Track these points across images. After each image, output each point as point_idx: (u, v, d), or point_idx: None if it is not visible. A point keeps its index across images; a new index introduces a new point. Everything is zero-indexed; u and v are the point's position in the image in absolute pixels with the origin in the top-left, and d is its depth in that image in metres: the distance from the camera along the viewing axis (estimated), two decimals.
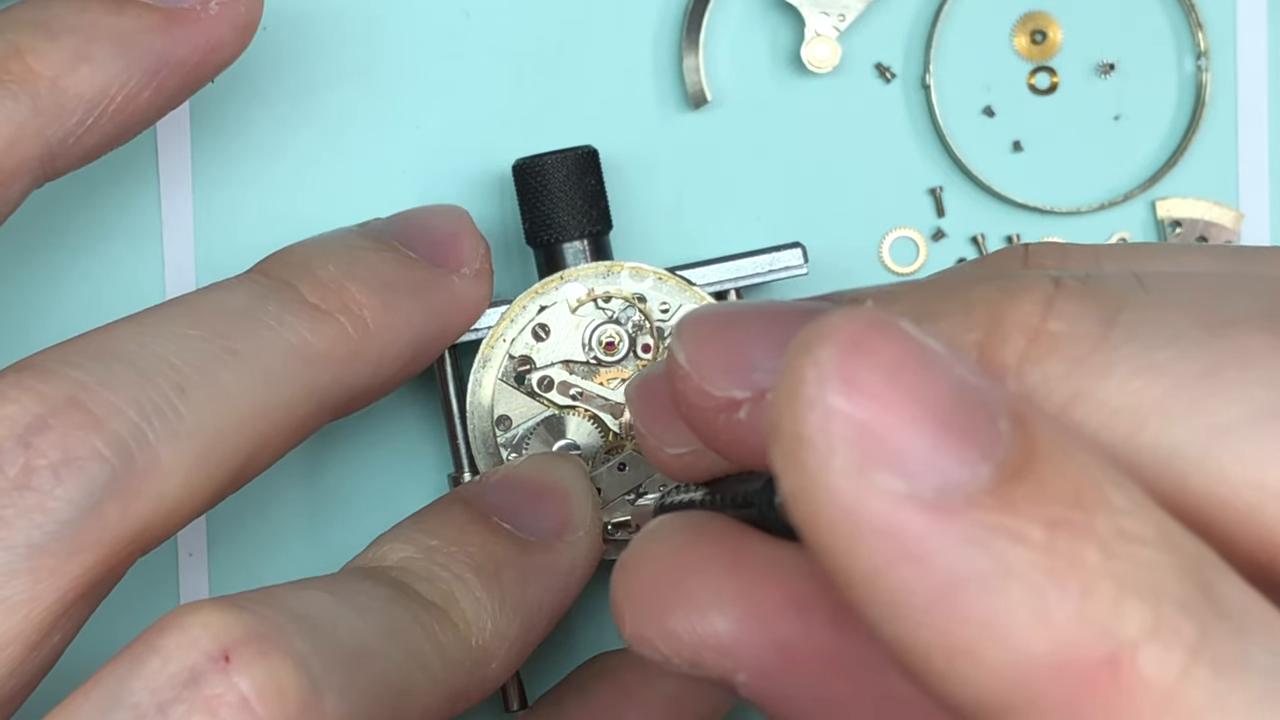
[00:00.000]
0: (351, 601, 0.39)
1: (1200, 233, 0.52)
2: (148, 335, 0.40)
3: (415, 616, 0.40)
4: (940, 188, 0.52)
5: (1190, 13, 0.52)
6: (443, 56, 0.50)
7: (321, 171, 0.50)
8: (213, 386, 0.39)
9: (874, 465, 0.25)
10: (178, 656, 0.35)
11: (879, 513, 0.25)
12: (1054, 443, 0.26)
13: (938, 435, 0.25)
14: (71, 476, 0.37)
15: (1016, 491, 0.25)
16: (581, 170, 0.47)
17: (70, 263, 0.49)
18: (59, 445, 0.37)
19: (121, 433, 0.38)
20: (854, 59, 0.51)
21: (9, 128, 0.40)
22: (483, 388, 0.47)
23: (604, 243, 0.48)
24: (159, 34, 0.42)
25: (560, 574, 0.44)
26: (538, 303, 0.47)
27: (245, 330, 0.41)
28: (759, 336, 0.30)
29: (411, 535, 0.43)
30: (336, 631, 0.38)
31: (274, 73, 0.49)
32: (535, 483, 0.45)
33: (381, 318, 0.43)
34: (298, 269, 0.43)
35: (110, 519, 0.38)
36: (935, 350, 0.26)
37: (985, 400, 0.26)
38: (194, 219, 0.50)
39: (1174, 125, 0.52)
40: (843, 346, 0.25)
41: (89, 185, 0.49)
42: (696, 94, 0.50)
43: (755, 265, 0.48)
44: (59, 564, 0.37)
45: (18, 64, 0.41)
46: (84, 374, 0.38)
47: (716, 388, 0.30)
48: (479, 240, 0.46)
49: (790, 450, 0.25)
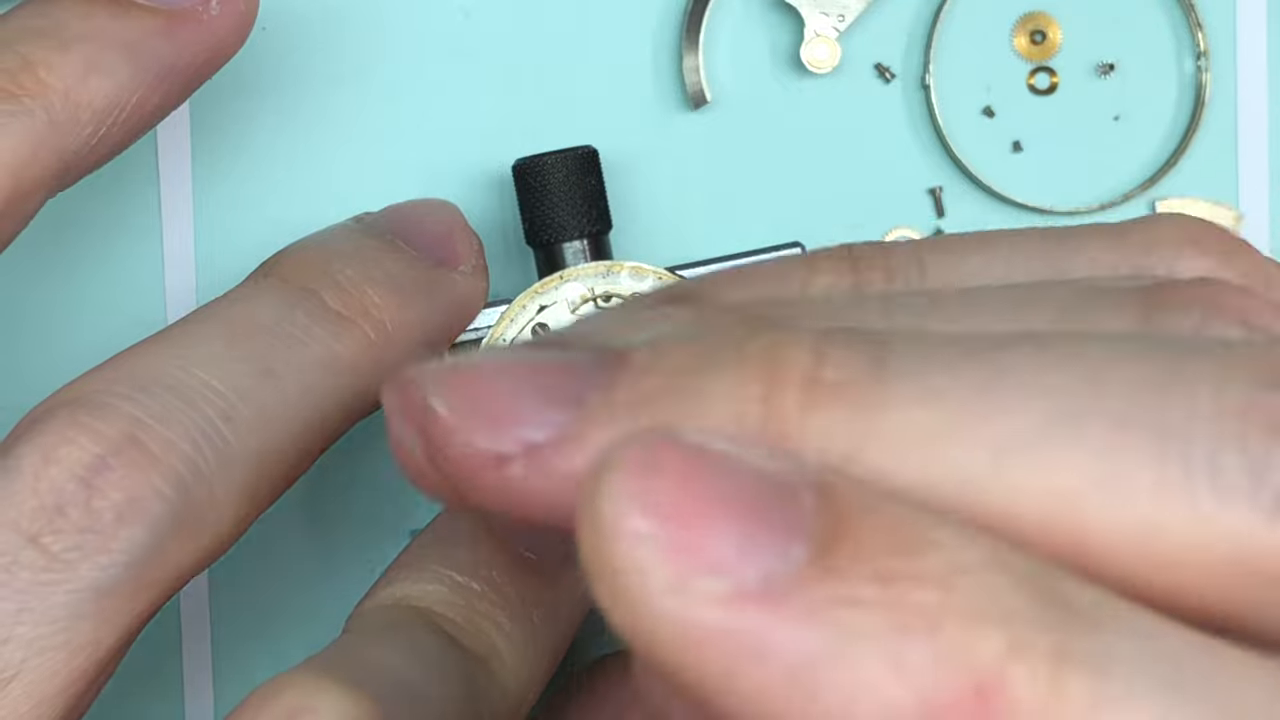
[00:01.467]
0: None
1: None
2: (190, 360, 0.40)
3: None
4: (940, 188, 0.52)
5: (1190, 13, 0.52)
6: (443, 56, 0.50)
7: (321, 171, 0.50)
8: (257, 412, 0.39)
9: (693, 575, 0.25)
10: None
11: (711, 618, 0.25)
12: (861, 501, 0.26)
13: (745, 529, 0.25)
14: (136, 518, 0.37)
15: (837, 559, 0.25)
16: (581, 170, 0.47)
17: (70, 263, 0.49)
18: (120, 486, 0.37)
19: (179, 469, 0.38)
20: (854, 59, 0.51)
21: (26, 145, 0.40)
22: None
23: (604, 243, 0.48)
24: (164, 38, 0.42)
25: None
26: (537, 303, 0.47)
27: (281, 348, 0.41)
28: (524, 390, 0.29)
29: None
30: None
31: (273, 73, 0.49)
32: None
33: (399, 320, 0.43)
34: (317, 273, 0.43)
35: (172, 558, 0.38)
36: (722, 450, 0.26)
37: (783, 481, 0.26)
38: (194, 218, 0.50)
39: (1174, 125, 0.52)
40: (631, 473, 0.25)
41: (89, 185, 0.49)
42: (696, 94, 0.50)
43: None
44: (123, 604, 0.37)
45: (30, 77, 0.40)
46: (137, 409, 0.38)
47: (484, 442, 0.28)
48: (472, 236, 0.46)
49: (610, 585, 0.25)
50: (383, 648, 0.39)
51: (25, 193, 0.40)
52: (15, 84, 0.40)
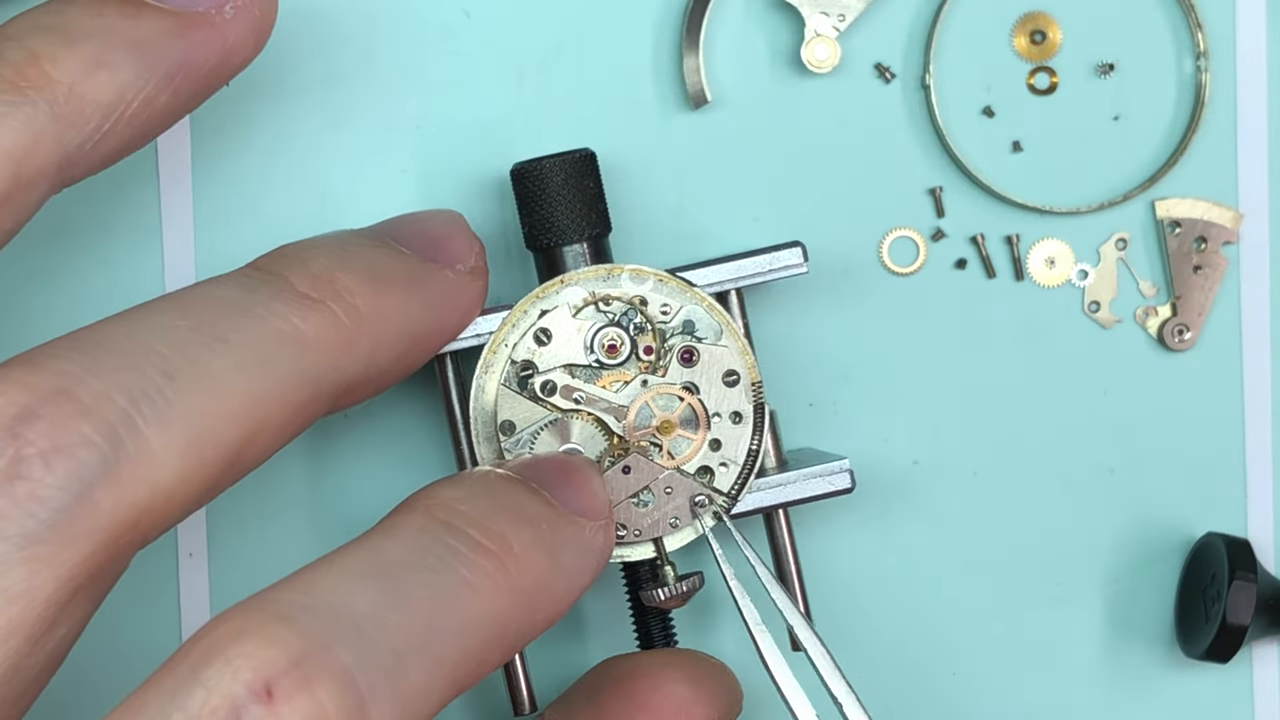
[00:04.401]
0: (394, 580, 0.39)
1: (1200, 233, 0.52)
2: (134, 327, 0.40)
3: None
4: (940, 188, 0.52)
5: (1190, 13, 0.52)
6: (443, 57, 0.50)
7: (321, 172, 0.50)
8: (202, 372, 0.39)
9: None
10: (222, 689, 0.36)
11: None
12: None
13: None
14: (62, 464, 0.37)
15: None
16: (580, 173, 0.47)
17: (70, 262, 0.49)
18: (48, 434, 0.37)
19: (110, 419, 0.38)
20: (854, 59, 0.51)
21: (27, 135, 0.40)
22: (486, 393, 0.47)
23: (604, 245, 0.48)
24: (175, 38, 0.42)
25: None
26: (539, 307, 0.47)
27: (234, 319, 0.40)
28: None
29: None
30: (383, 629, 0.38)
31: (274, 72, 0.49)
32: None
33: (374, 305, 0.43)
34: (289, 261, 0.43)
35: (104, 505, 0.38)
36: None
37: None
38: (194, 219, 0.50)
39: (1174, 125, 0.52)
40: None
41: (89, 185, 0.49)
42: (697, 94, 0.50)
43: (755, 265, 0.47)
44: (55, 553, 0.37)
45: (35, 71, 0.41)
46: (71, 365, 0.38)
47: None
48: (473, 239, 0.46)
49: None
50: (341, 577, 0.40)
51: (26, 183, 0.40)
52: (20, 76, 0.40)
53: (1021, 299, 0.52)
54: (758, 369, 0.47)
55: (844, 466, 0.48)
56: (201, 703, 0.36)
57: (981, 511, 0.52)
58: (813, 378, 0.52)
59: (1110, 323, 0.52)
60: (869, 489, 0.52)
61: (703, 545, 0.47)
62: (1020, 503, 0.52)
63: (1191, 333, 0.52)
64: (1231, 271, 0.52)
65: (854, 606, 0.52)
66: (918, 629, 0.52)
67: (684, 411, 0.47)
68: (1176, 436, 0.53)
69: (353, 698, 0.36)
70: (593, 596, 0.51)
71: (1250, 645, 0.53)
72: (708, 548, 0.47)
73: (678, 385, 0.47)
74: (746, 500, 0.47)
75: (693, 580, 0.47)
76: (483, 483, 0.43)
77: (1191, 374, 0.53)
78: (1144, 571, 0.53)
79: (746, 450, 0.47)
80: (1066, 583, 0.53)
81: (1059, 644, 0.53)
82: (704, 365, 0.47)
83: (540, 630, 0.42)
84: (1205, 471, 0.53)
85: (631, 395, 0.47)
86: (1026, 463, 0.52)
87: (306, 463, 0.50)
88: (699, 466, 0.47)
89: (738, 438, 0.47)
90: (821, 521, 0.52)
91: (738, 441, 0.47)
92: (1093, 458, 0.53)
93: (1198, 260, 0.52)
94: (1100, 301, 0.52)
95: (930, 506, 0.52)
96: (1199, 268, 0.52)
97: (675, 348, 0.47)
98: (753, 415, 0.47)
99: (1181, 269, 0.52)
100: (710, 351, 0.47)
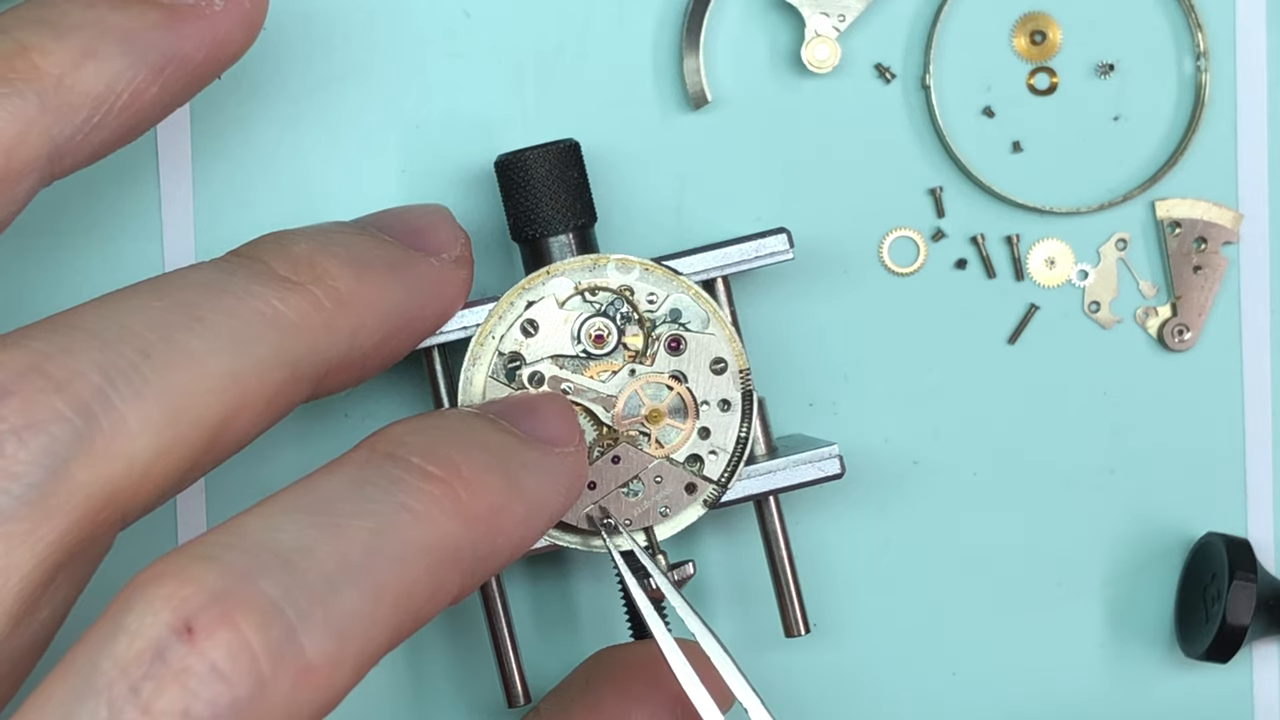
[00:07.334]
0: (327, 513, 0.39)
1: (1200, 233, 0.52)
2: (111, 309, 0.40)
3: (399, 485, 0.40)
4: (940, 188, 0.52)
5: (1190, 13, 0.52)
6: (442, 56, 0.50)
7: (321, 170, 0.50)
8: (178, 350, 0.39)
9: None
10: (144, 632, 0.36)
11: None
12: None
13: None
14: (35, 439, 0.37)
15: None
16: (564, 163, 0.47)
17: (70, 262, 0.50)
18: (21, 410, 0.37)
19: (84, 395, 0.38)
20: (854, 59, 0.51)
21: (15, 125, 0.40)
22: (473, 385, 0.47)
23: (589, 235, 0.48)
24: (164, 30, 0.42)
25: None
26: (525, 298, 0.47)
27: (212, 299, 0.41)
28: None
29: None
30: (313, 558, 0.37)
31: (274, 72, 0.50)
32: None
33: (354, 289, 0.43)
34: (268, 247, 0.43)
35: (79, 480, 0.38)
36: None
37: None
38: (194, 219, 0.50)
39: (1173, 125, 0.52)
40: None
41: (89, 184, 0.49)
42: (697, 94, 0.51)
43: (740, 252, 0.48)
44: (31, 528, 0.37)
45: (24, 62, 0.41)
46: (45, 344, 0.38)
47: None
48: (458, 230, 0.46)
49: None
50: (270, 513, 0.40)
51: (15, 174, 0.41)
52: (9, 67, 0.41)
53: (1022, 299, 0.52)
54: (745, 356, 0.47)
55: (833, 452, 0.48)
56: (126, 647, 0.35)
57: (981, 511, 0.52)
58: (813, 378, 0.52)
59: (1110, 323, 0.52)
60: (869, 489, 0.52)
61: (695, 532, 0.47)
62: (1020, 503, 0.52)
63: (1191, 333, 0.52)
64: (1231, 271, 0.52)
65: (854, 607, 0.52)
66: (918, 629, 0.52)
67: (672, 400, 0.47)
68: (1176, 437, 0.53)
69: (279, 628, 0.36)
70: (586, 587, 0.51)
71: (1250, 645, 0.52)
72: (700, 533, 0.47)
73: (665, 374, 0.47)
74: (736, 488, 0.47)
75: (684, 569, 0.47)
76: (435, 416, 0.43)
77: (1191, 374, 0.52)
78: (1144, 571, 0.53)
79: (735, 438, 0.47)
80: (1066, 583, 0.52)
81: (1059, 644, 0.52)
82: (691, 353, 0.47)
83: (507, 555, 0.41)
84: (1205, 471, 0.53)
85: (619, 385, 0.47)
86: (1026, 462, 0.52)
87: (300, 457, 0.50)
88: (688, 455, 0.47)
89: (726, 425, 0.47)
90: (822, 521, 0.52)
91: (726, 429, 0.47)
92: (1093, 458, 0.52)
93: (1198, 260, 0.52)
94: (1100, 302, 0.52)
95: (930, 506, 0.52)
96: (1199, 268, 0.52)
97: (663, 336, 0.47)
98: (741, 403, 0.47)
99: (1181, 269, 0.52)
100: (697, 340, 0.47)
